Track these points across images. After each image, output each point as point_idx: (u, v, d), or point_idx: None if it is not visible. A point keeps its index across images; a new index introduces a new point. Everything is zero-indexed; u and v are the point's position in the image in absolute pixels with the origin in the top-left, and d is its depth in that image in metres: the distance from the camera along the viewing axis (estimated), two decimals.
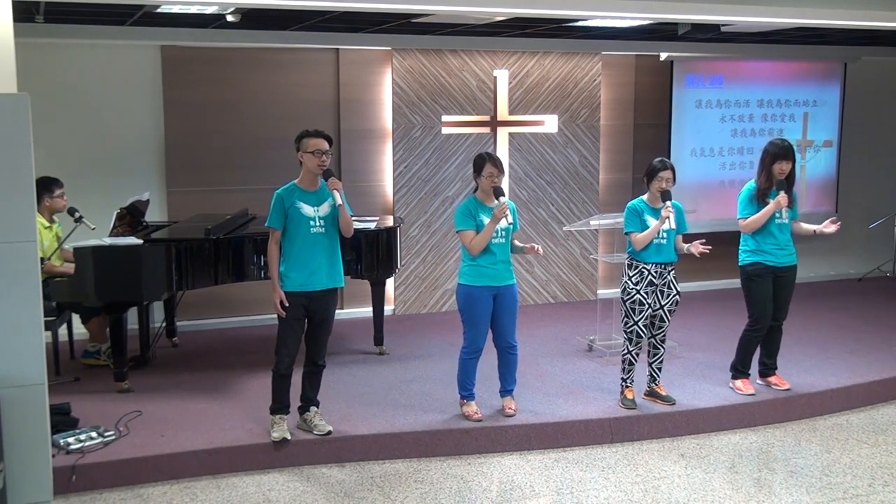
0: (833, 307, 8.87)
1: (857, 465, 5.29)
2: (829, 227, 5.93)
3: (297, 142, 5.16)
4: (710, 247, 5.63)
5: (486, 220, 5.37)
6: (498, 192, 5.38)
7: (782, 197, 5.83)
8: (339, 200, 5.10)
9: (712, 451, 5.51)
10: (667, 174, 5.64)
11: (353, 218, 5.32)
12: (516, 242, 5.59)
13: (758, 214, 5.88)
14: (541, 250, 5.48)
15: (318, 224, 5.14)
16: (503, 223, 5.37)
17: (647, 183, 5.72)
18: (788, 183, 5.90)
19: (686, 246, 5.70)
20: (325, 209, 5.17)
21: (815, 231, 6.01)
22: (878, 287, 9.93)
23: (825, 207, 10.00)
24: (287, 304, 5.11)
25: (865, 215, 10.29)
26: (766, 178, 5.92)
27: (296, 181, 5.20)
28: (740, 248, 6.07)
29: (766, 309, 6.00)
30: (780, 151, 5.89)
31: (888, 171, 10.51)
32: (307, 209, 5.12)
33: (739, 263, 6.07)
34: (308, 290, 5.14)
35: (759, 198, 5.92)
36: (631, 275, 5.74)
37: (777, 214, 5.89)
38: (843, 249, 10.37)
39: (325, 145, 5.12)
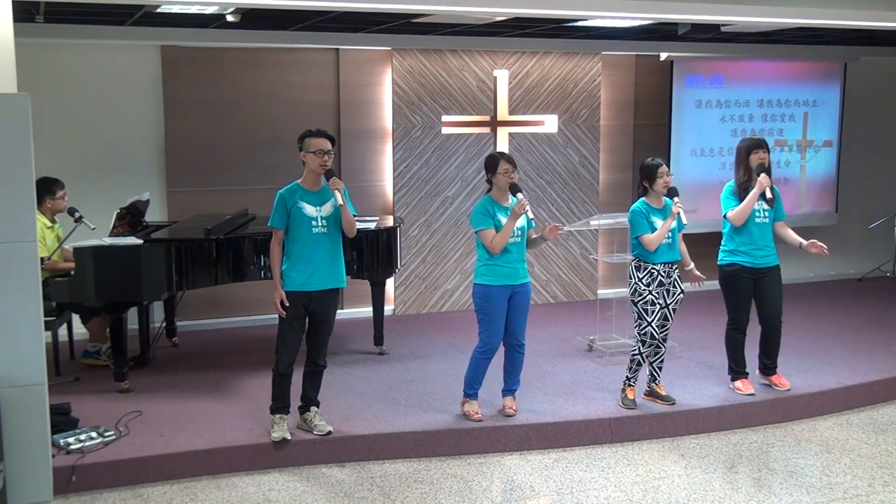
0: (833, 307, 8.87)
1: (857, 465, 5.29)
2: (814, 248, 5.92)
3: (300, 141, 5.16)
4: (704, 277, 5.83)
5: (503, 219, 5.38)
6: (515, 189, 5.40)
7: (763, 178, 5.84)
8: (340, 200, 5.09)
9: (712, 451, 5.51)
10: (665, 169, 5.67)
11: (354, 218, 5.31)
12: (533, 235, 5.59)
13: (744, 202, 5.88)
14: (562, 228, 5.52)
15: (320, 224, 5.13)
16: (520, 221, 5.40)
17: (649, 184, 5.70)
18: (767, 173, 5.90)
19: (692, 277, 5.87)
20: (327, 209, 5.17)
21: (800, 244, 6.00)
22: (878, 287, 9.93)
23: (825, 207, 10.01)
24: (287, 304, 5.12)
25: (865, 215, 10.29)
26: (744, 171, 5.96)
27: (298, 181, 5.20)
28: (721, 247, 6.08)
29: (743, 309, 6.03)
30: (752, 142, 5.99)
31: (888, 171, 10.51)
32: (309, 209, 5.12)
33: (718, 263, 6.10)
34: (308, 289, 5.14)
35: (740, 193, 5.95)
36: (641, 276, 5.72)
37: (757, 213, 5.89)
38: (843, 249, 10.36)
39: (328, 145, 5.12)
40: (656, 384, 5.92)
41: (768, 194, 5.88)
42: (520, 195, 5.35)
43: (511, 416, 5.60)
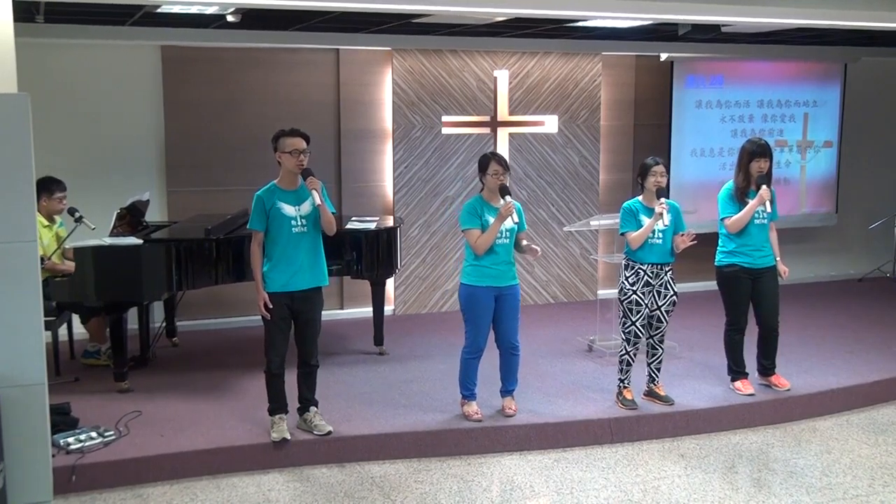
0: (833, 307, 8.87)
1: (857, 465, 5.29)
2: (782, 270, 5.95)
3: (274, 142, 5.14)
4: (694, 234, 5.60)
5: (491, 220, 5.37)
6: (504, 191, 5.38)
7: (764, 191, 5.83)
8: (318, 200, 5.08)
9: (712, 452, 5.51)
10: (660, 169, 5.65)
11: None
12: (523, 241, 5.56)
13: (742, 212, 5.88)
14: (539, 252, 5.48)
15: (299, 223, 5.12)
16: (508, 223, 5.37)
17: (642, 182, 5.72)
18: (768, 178, 5.90)
19: (678, 242, 5.65)
20: (306, 208, 5.15)
21: (776, 259, 6.00)
22: (878, 287, 9.93)
23: (825, 208, 10.01)
24: (271, 306, 5.11)
25: (865, 216, 10.29)
26: (743, 177, 5.95)
27: (275, 181, 5.19)
28: (718, 248, 6.07)
29: (742, 309, 6.03)
30: (756, 150, 5.91)
31: (888, 171, 10.51)
32: (288, 209, 5.11)
33: (715, 264, 6.09)
34: (291, 289, 5.13)
35: (739, 197, 5.93)
36: (627, 275, 5.73)
37: (757, 215, 5.89)
38: (843, 249, 10.37)
39: (303, 144, 5.10)
40: (655, 385, 5.93)
41: (768, 208, 5.89)
42: (508, 198, 5.33)
43: (511, 417, 5.60)
